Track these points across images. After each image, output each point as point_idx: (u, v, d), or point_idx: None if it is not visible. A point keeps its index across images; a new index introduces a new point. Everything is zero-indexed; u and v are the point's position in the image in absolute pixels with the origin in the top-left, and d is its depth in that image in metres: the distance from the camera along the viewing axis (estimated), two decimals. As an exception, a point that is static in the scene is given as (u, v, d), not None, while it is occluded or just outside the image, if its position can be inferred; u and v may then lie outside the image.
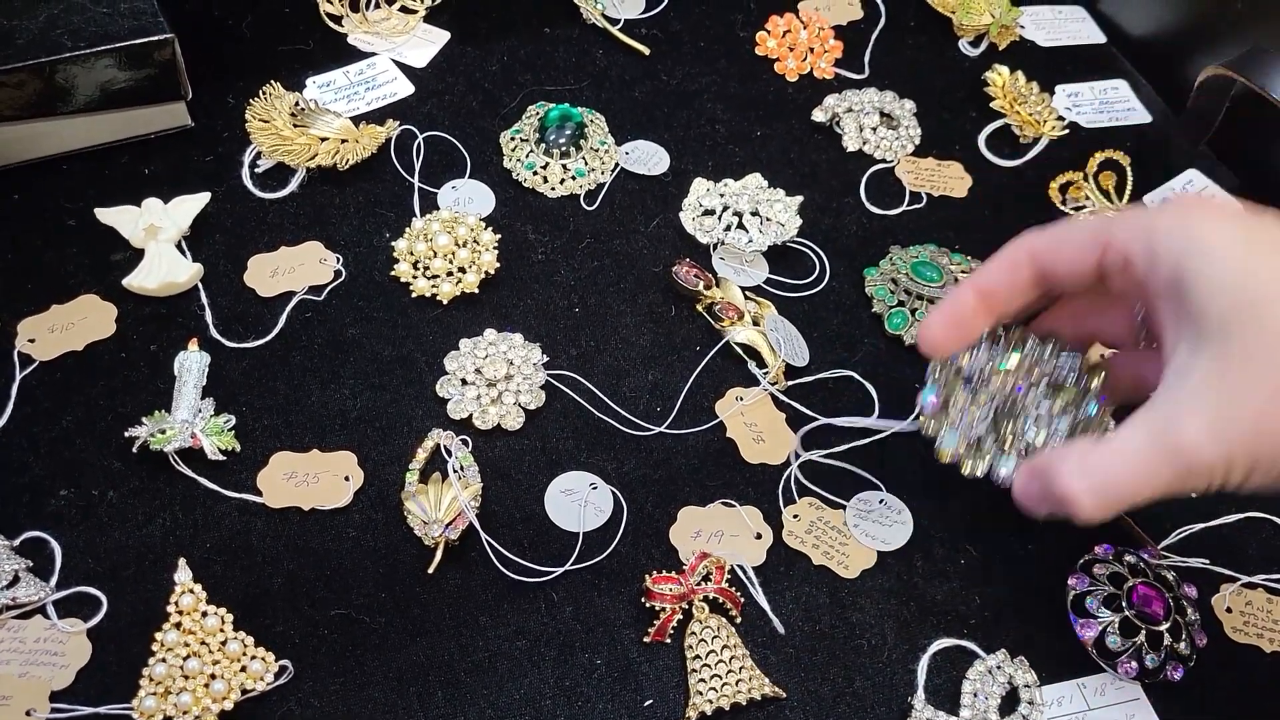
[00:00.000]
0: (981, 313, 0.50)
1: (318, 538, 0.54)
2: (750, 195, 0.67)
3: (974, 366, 0.52)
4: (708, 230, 0.67)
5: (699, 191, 0.68)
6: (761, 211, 0.66)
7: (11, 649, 0.49)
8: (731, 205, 0.67)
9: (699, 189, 0.68)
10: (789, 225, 0.66)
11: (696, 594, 0.52)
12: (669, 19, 0.81)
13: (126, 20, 0.65)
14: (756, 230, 0.66)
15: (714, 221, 0.67)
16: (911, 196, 0.72)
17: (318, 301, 0.63)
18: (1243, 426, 0.39)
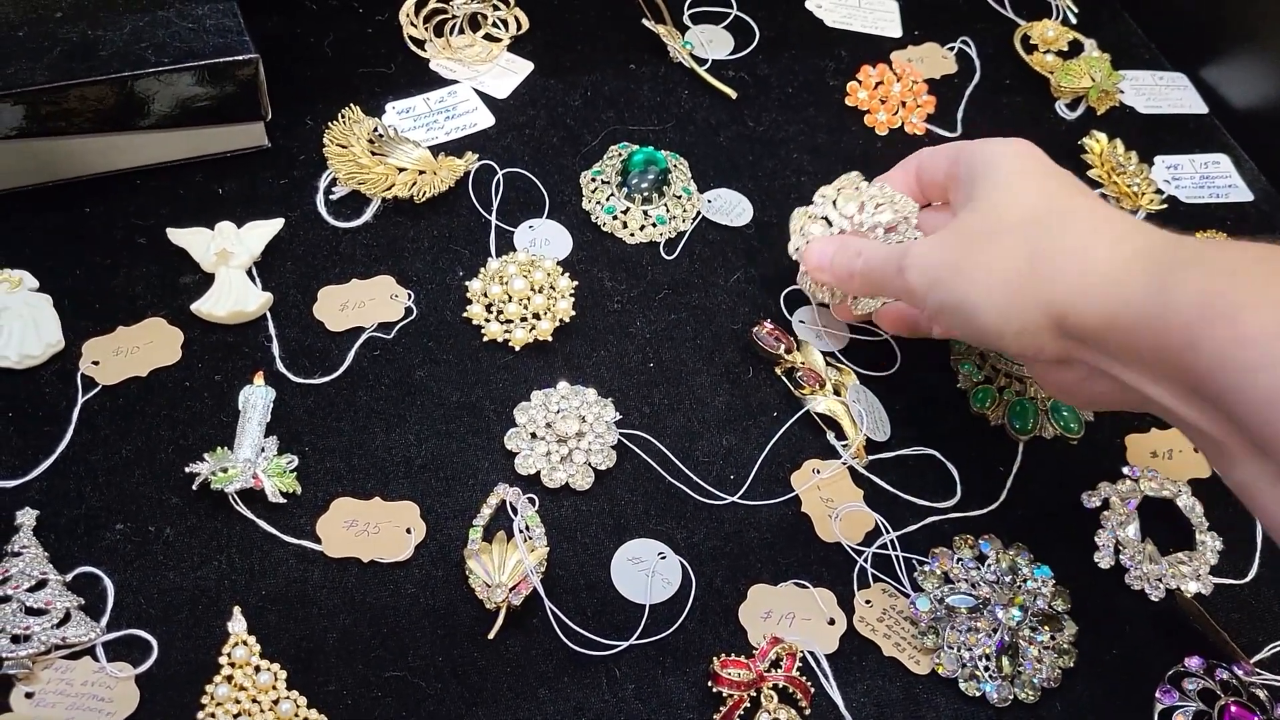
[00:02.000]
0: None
1: (375, 592, 0.52)
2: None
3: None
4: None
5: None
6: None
7: (58, 690, 0.48)
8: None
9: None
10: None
11: (766, 681, 0.50)
12: (757, 62, 0.79)
13: (212, 37, 0.64)
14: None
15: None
16: (1002, 265, 0.69)
17: (386, 339, 0.61)
18: (940, 258, 0.50)
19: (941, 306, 0.50)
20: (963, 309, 0.49)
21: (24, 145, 0.61)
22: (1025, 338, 0.47)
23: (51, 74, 0.60)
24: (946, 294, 0.49)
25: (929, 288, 0.50)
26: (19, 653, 0.47)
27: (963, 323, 0.50)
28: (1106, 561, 0.57)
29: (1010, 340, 0.48)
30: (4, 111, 0.59)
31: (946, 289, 0.49)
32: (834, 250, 0.58)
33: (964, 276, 0.49)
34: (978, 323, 0.48)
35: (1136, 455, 0.61)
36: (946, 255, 0.50)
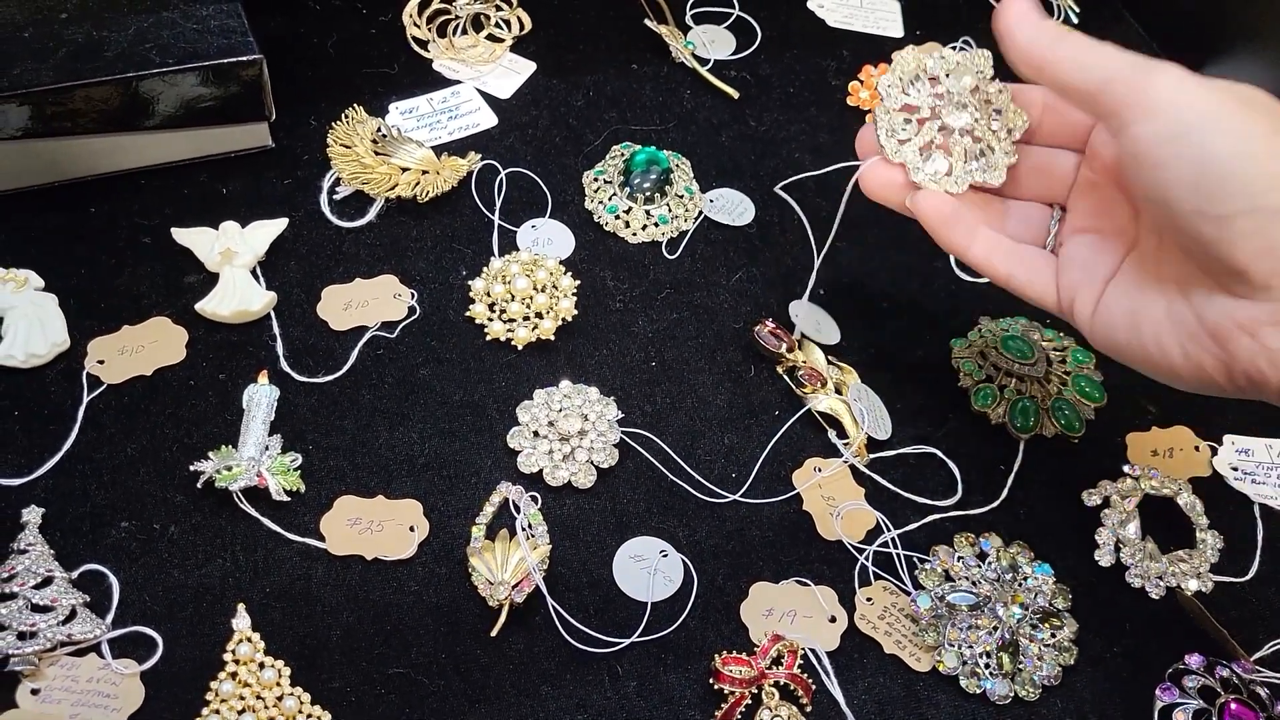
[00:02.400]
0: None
1: (379, 589, 0.53)
2: (971, 102, 0.52)
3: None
4: (902, 141, 0.52)
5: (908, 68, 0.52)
6: (980, 134, 0.52)
7: (64, 688, 0.48)
8: (945, 113, 0.52)
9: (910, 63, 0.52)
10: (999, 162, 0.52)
11: (767, 679, 0.50)
12: (759, 62, 0.79)
13: (216, 38, 0.64)
14: (962, 159, 0.52)
15: (911, 130, 0.52)
16: (1003, 265, 0.69)
17: (390, 338, 0.61)
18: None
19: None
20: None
21: (29, 145, 0.62)
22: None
23: (57, 75, 0.60)
24: (1173, 124, 0.42)
25: (1167, 98, 0.42)
26: (25, 649, 0.47)
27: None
28: (1107, 559, 0.57)
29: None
30: (10, 112, 0.60)
31: (1182, 113, 0.42)
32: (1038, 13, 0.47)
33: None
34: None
35: (1137, 454, 0.61)
36: (1198, 87, 0.42)
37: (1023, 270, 0.52)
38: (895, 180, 0.52)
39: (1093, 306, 0.49)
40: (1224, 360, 0.44)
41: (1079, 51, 0.44)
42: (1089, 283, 0.49)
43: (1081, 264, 0.50)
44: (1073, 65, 0.44)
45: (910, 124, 0.52)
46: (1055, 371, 0.62)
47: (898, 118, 0.52)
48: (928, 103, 0.51)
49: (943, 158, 0.52)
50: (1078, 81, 0.44)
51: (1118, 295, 0.48)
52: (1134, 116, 0.42)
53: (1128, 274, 0.48)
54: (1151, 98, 0.42)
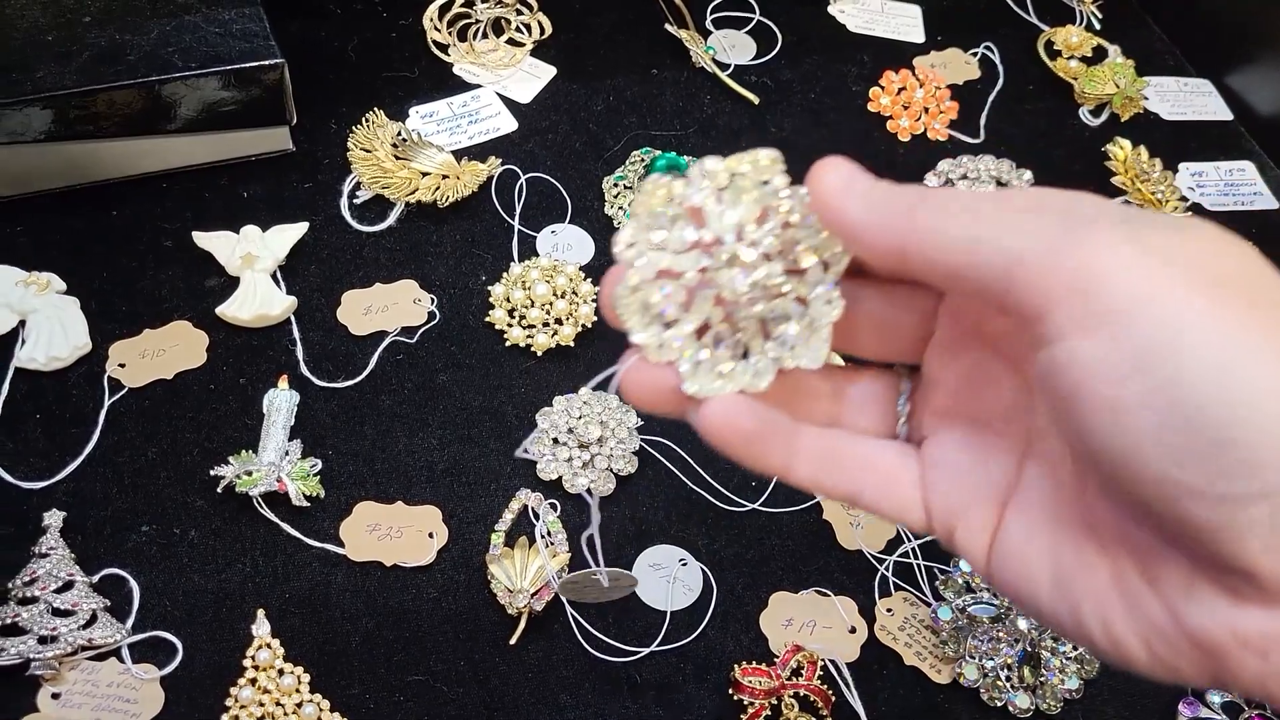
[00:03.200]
0: None
1: (398, 596, 0.52)
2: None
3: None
4: (667, 324, 0.32)
5: None
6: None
7: (84, 692, 0.48)
8: (721, 274, 0.30)
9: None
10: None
11: (787, 690, 0.50)
12: (779, 67, 0.79)
13: (238, 42, 0.64)
14: None
15: (674, 305, 0.31)
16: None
17: (409, 344, 0.61)
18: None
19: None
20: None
21: (52, 149, 0.62)
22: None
23: (80, 78, 0.60)
24: (1149, 327, 0.24)
25: (1122, 291, 0.24)
26: (46, 654, 0.47)
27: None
28: (1129, 572, 0.57)
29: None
30: (33, 115, 0.60)
31: (1156, 318, 0.24)
32: (874, 179, 0.29)
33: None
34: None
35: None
36: (1154, 264, 0.25)
37: (873, 483, 0.32)
38: (667, 384, 0.30)
39: (986, 544, 0.30)
40: (1214, 673, 0.28)
41: (950, 220, 0.27)
42: (973, 504, 0.31)
43: (955, 472, 0.31)
44: (946, 243, 0.27)
45: (671, 296, 0.30)
46: (1077, 381, 0.62)
47: (652, 290, 0.30)
48: (692, 262, 0.30)
49: (727, 346, 0.30)
50: (961, 269, 0.27)
51: (1024, 533, 0.30)
52: (1061, 327, 0.25)
53: (1037, 501, 0.30)
54: (1089, 294, 0.25)
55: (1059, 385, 0.26)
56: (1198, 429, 0.24)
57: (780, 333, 0.30)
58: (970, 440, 0.32)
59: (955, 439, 0.32)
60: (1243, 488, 0.24)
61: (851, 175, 0.29)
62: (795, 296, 0.30)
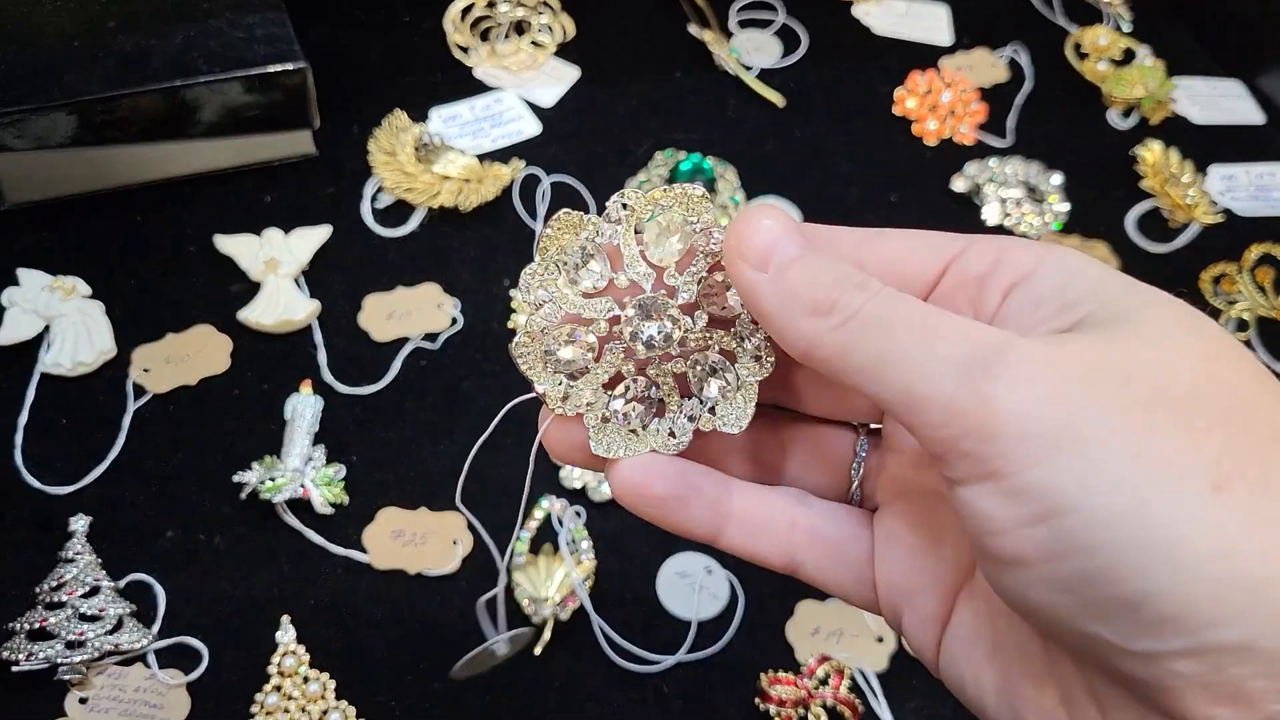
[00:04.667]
0: None
1: (423, 604, 0.52)
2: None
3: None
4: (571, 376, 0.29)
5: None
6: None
7: (111, 696, 0.48)
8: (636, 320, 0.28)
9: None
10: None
11: (814, 699, 0.50)
12: (805, 69, 0.79)
13: (262, 46, 0.64)
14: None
15: (581, 355, 0.28)
16: (1053, 277, 0.68)
17: (432, 349, 0.61)
18: (1061, 392, 0.22)
19: (1021, 488, 0.22)
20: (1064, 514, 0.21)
21: (77, 154, 0.62)
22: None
23: (105, 83, 0.60)
24: (1050, 474, 0.21)
25: (1021, 440, 0.22)
26: (73, 659, 0.47)
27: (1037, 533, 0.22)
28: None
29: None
30: (59, 120, 0.60)
31: (1060, 464, 0.21)
32: (800, 251, 0.25)
33: (1109, 456, 0.21)
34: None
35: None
36: (1071, 395, 0.22)
37: (817, 555, 0.30)
38: (582, 441, 0.28)
39: (935, 636, 0.28)
40: None
41: (862, 340, 0.24)
42: (923, 589, 0.28)
43: (907, 551, 0.28)
44: (853, 365, 0.24)
45: (579, 346, 0.28)
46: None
47: (559, 335, 0.28)
48: (604, 308, 0.27)
49: (640, 400, 0.28)
50: (867, 391, 0.24)
51: (970, 632, 0.27)
52: (959, 473, 0.23)
53: (985, 598, 0.27)
54: (987, 442, 0.22)
55: (968, 529, 0.23)
56: (1107, 583, 0.21)
57: (702, 391, 0.27)
58: (926, 516, 0.28)
59: (910, 512, 0.29)
60: (1166, 645, 0.22)
61: (772, 244, 0.25)
62: (720, 349, 0.27)
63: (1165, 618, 0.21)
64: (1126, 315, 0.23)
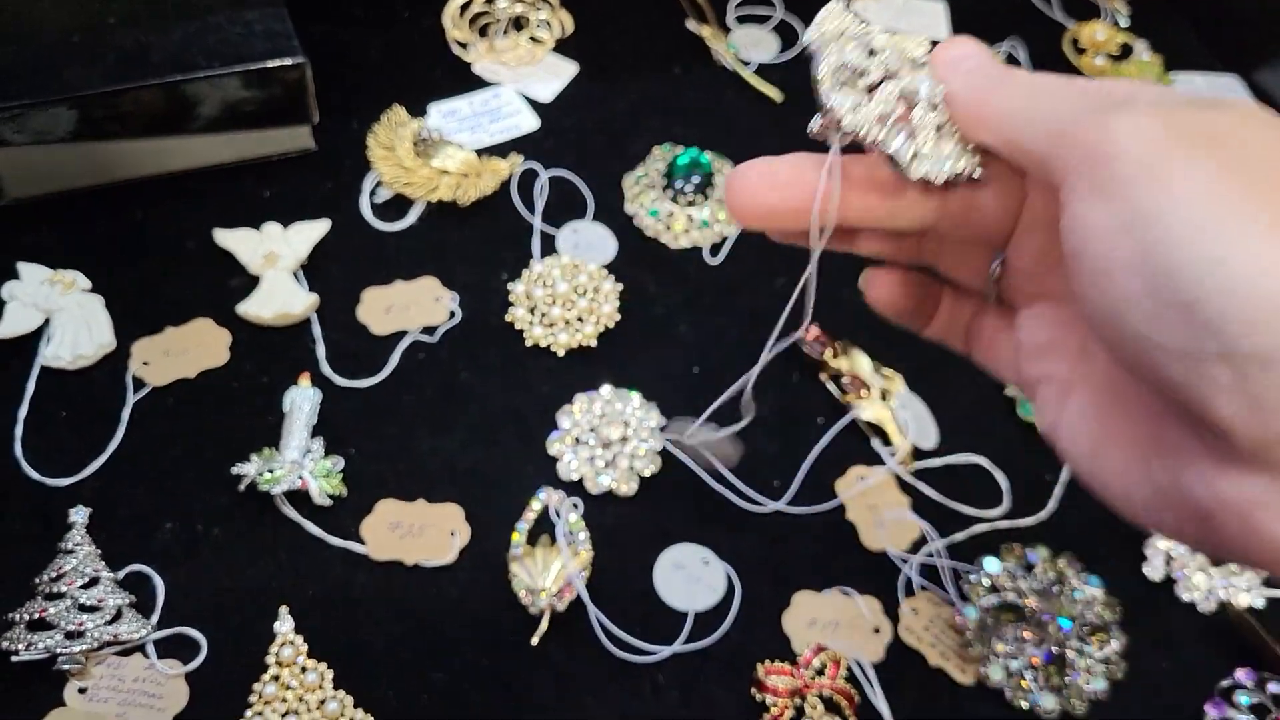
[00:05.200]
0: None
1: (420, 595, 0.52)
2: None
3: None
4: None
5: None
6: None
7: (110, 686, 0.48)
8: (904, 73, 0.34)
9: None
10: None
11: (810, 689, 0.50)
12: (802, 65, 0.79)
13: (261, 41, 0.64)
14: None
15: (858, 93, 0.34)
16: (1049, 271, 0.68)
17: (430, 342, 0.61)
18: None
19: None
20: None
21: (77, 148, 0.62)
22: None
23: (105, 79, 0.61)
24: (1145, 194, 0.26)
25: (1126, 164, 0.27)
26: (73, 649, 0.48)
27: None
28: (1157, 573, 0.56)
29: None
30: (58, 115, 0.60)
31: (1153, 189, 0.26)
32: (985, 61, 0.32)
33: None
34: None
35: (1187, 465, 0.60)
36: (1170, 139, 0.27)
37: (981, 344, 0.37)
38: (803, 180, 0.33)
39: (1056, 414, 0.33)
40: (1208, 538, 0.30)
41: (1022, 97, 0.30)
42: (1049, 378, 0.34)
43: (1038, 350, 0.34)
44: (1014, 116, 0.30)
45: (856, 85, 0.33)
46: (1103, 380, 0.61)
47: (849, 54, 0.33)
48: (878, 63, 0.33)
49: (905, 137, 0.32)
50: (1021, 139, 0.30)
51: (1080, 415, 0.33)
52: (1077, 188, 0.28)
53: (1094, 389, 0.33)
54: (1101, 161, 0.27)
55: (1068, 249, 0.29)
56: (1170, 289, 0.26)
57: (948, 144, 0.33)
58: (1053, 317, 0.34)
59: (1039, 320, 0.34)
60: (1205, 347, 0.26)
61: (965, 53, 0.32)
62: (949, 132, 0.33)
63: (1208, 322, 0.25)
64: (1222, 100, 0.29)
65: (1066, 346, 0.33)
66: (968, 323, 0.37)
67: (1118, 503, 0.32)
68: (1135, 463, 0.31)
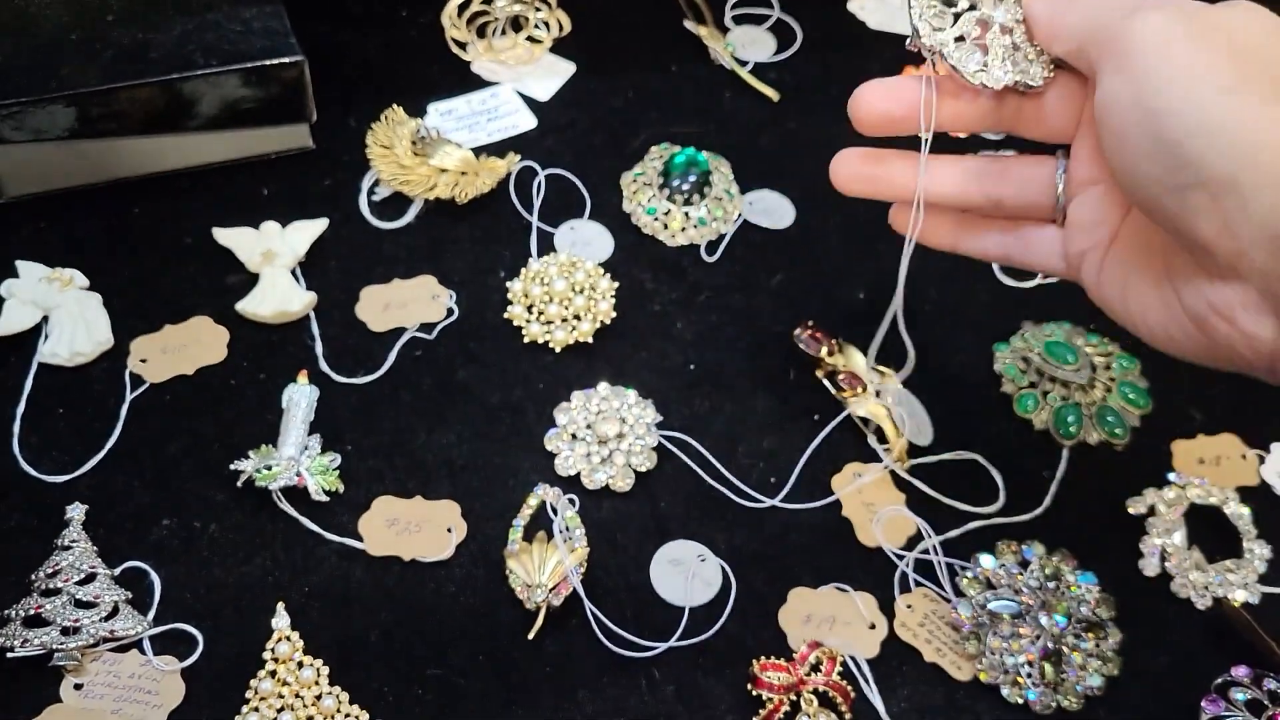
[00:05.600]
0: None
1: (417, 590, 0.53)
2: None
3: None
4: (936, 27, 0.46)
5: None
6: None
7: (106, 683, 0.48)
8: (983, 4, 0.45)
9: None
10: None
11: (806, 685, 0.50)
12: (801, 64, 0.79)
13: (259, 39, 0.64)
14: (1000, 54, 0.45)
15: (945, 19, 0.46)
16: (1046, 268, 0.68)
17: (428, 340, 0.61)
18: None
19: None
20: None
21: (75, 146, 0.63)
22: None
23: (103, 76, 0.61)
24: (1153, 67, 0.38)
25: (1143, 51, 0.38)
26: (69, 645, 0.48)
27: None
28: (1152, 569, 0.56)
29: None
30: (56, 113, 0.60)
31: (1158, 65, 0.38)
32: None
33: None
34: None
35: (1183, 462, 0.60)
36: (1179, 29, 0.38)
37: (1022, 247, 0.49)
38: (904, 96, 0.47)
39: (1096, 273, 0.45)
40: (1205, 345, 0.41)
41: (1078, 11, 0.41)
42: (1093, 252, 0.45)
43: (1086, 227, 0.45)
44: (1072, 22, 0.41)
45: (944, 14, 0.45)
46: (1100, 377, 0.61)
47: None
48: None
49: (980, 53, 0.45)
50: (1066, 34, 0.41)
51: (1115, 264, 0.45)
52: (1105, 70, 0.39)
53: (1125, 241, 0.44)
54: (1125, 47, 0.38)
55: (1098, 119, 0.40)
56: (1164, 138, 0.37)
57: (1015, 61, 0.45)
58: (1098, 200, 0.45)
59: (1087, 202, 0.45)
60: (1188, 177, 0.37)
61: None
62: (1025, 53, 0.45)
63: (1189, 157, 0.36)
64: (1229, 5, 0.39)
65: (1107, 217, 0.44)
66: (1013, 232, 0.49)
67: (1142, 330, 0.44)
68: (1152, 293, 0.42)
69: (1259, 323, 0.38)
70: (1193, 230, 0.37)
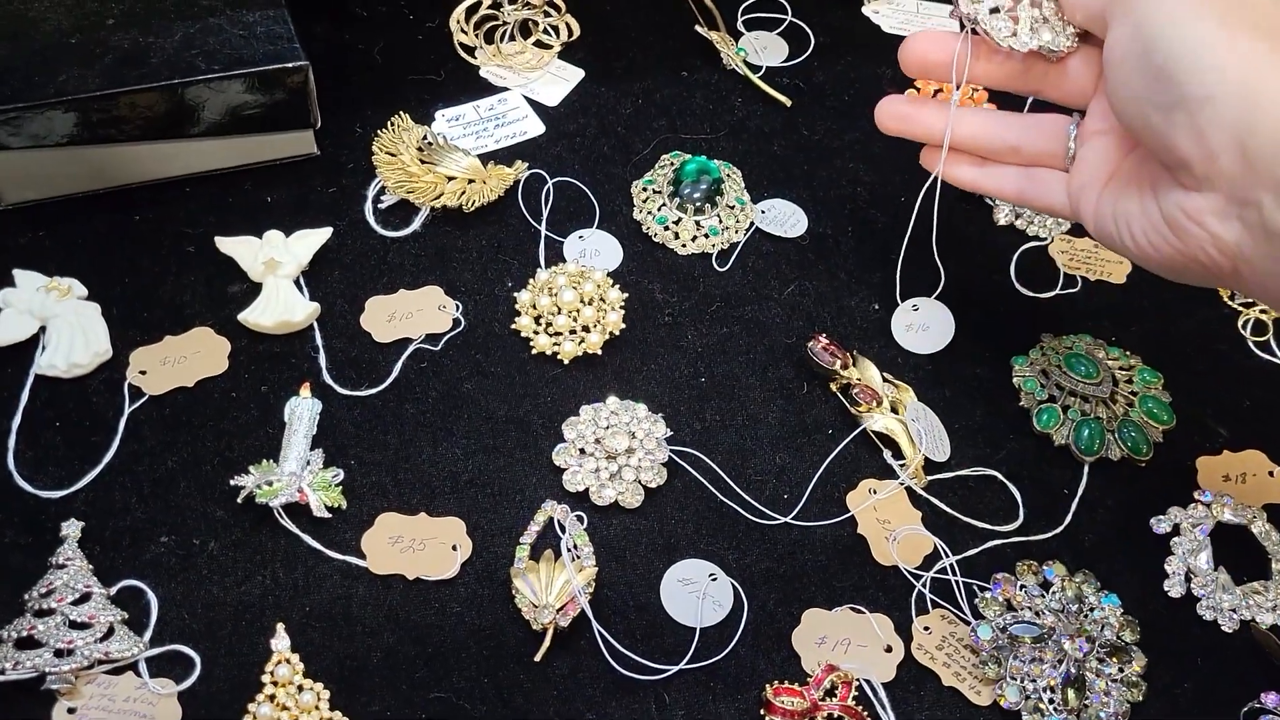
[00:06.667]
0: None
1: (420, 610, 0.51)
2: None
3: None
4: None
5: None
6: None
7: (100, 706, 0.47)
8: None
9: None
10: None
11: (820, 711, 0.48)
12: (812, 69, 0.78)
13: (262, 44, 0.63)
14: (1028, 24, 0.53)
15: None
16: (1066, 279, 0.67)
17: (434, 351, 0.60)
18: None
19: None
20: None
21: (75, 152, 0.61)
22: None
23: (103, 81, 0.60)
24: (1150, 12, 0.45)
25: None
26: (62, 667, 0.46)
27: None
28: (1177, 590, 0.54)
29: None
30: (56, 119, 0.59)
31: (1158, 10, 0.45)
32: None
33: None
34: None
35: (1208, 479, 0.59)
36: None
37: (1033, 186, 0.55)
38: (946, 47, 0.55)
39: (1094, 208, 0.51)
40: (1180, 249, 0.47)
41: None
42: (1093, 186, 0.52)
43: (1090, 165, 0.52)
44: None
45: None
46: (1121, 392, 0.60)
47: None
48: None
49: (1011, 23, 0.52)
50: (1085, 2, 0.49)
51: (1110, 195, 0.51)
52: (1115, 21, 0.47)
53: (1119, 178, 0.51)
54: (1129, 2, 0.46)
55: (1105, 62, 0.48)
56: (1154, 63, 0.44)
57: (1043, 28, 0.52)
58: (1102, 147, 0.52)
59: (1092, 149, 0.52)
60: (1170, 95, 0.44)
61: None
62: (1053, 25, 0.52)
63: (1171, 78, 0.43)
64: None
65: (1110, 158, 0.51)
66: (1026, 175, 0.55)
67: (1127, 242, 0.49)
68: (1136, 207, 0.48)
69: (1225, 227, 0.44)
70: (1174, 146, 0.44)
